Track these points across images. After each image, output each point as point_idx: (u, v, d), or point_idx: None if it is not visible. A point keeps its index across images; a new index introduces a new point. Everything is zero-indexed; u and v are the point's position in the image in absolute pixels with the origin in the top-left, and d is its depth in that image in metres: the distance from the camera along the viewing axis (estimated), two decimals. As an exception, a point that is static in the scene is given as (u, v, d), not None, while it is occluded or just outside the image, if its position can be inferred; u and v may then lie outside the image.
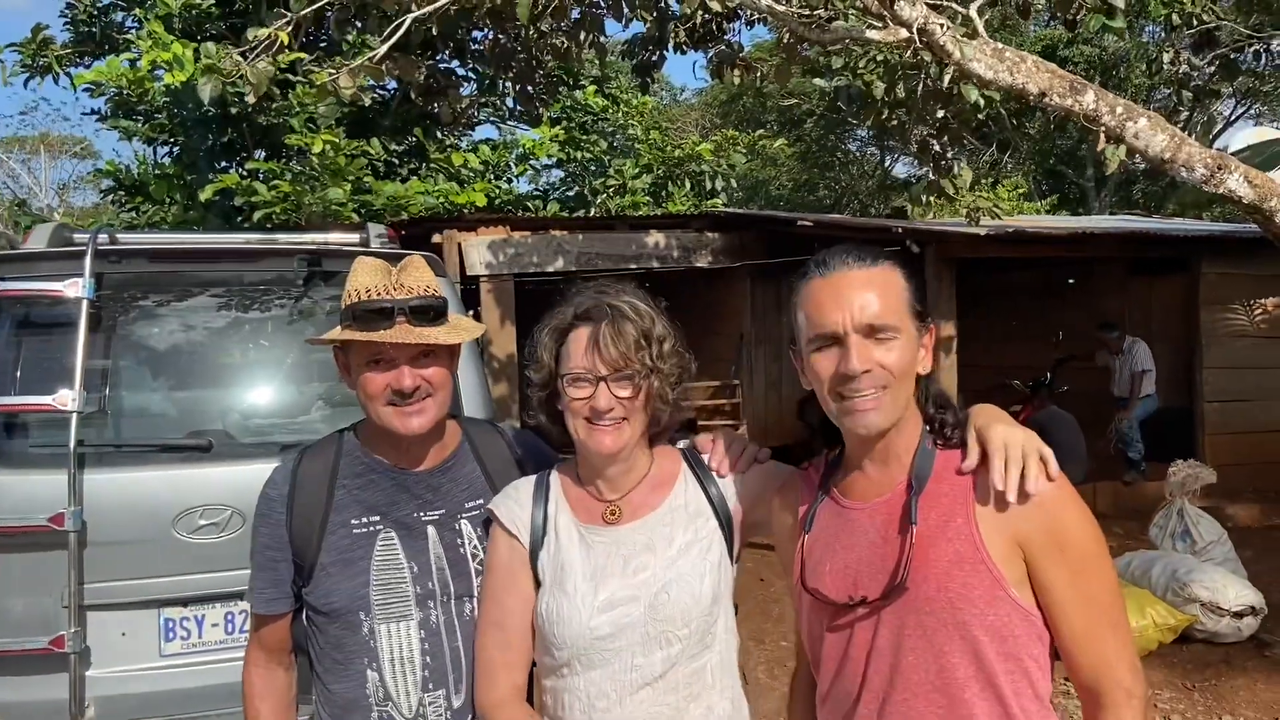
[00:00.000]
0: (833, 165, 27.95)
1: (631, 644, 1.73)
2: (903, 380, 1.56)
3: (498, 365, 9.61)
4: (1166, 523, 6.54)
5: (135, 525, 2.97)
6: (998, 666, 1.50)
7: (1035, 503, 1.50)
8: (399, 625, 1.93)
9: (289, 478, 1.99)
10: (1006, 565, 1.50)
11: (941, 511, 1.54)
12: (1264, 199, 4.32)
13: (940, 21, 4.10)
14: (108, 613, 2.98)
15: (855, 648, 1.59)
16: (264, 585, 1.99)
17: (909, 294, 1.59)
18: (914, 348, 1.58)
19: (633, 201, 12.95)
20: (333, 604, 1.93)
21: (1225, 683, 5.13)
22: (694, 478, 1.87)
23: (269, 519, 1.99)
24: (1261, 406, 9.90)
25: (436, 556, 1.96)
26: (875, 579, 1.56)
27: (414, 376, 1.90)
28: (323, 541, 1.94)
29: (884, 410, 1.55)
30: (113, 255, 3.22)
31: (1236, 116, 24.07)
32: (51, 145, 31.26)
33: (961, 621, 1.50)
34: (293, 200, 9.40)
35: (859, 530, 1.61)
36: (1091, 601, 1.51)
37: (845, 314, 1.54)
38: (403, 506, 1.98)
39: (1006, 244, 9.01)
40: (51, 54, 10.47)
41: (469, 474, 2.05)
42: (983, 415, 1.62)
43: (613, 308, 1.78)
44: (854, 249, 1.61)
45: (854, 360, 1.52)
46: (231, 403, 3.34)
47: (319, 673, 1.99)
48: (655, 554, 1.78)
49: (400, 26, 3.50)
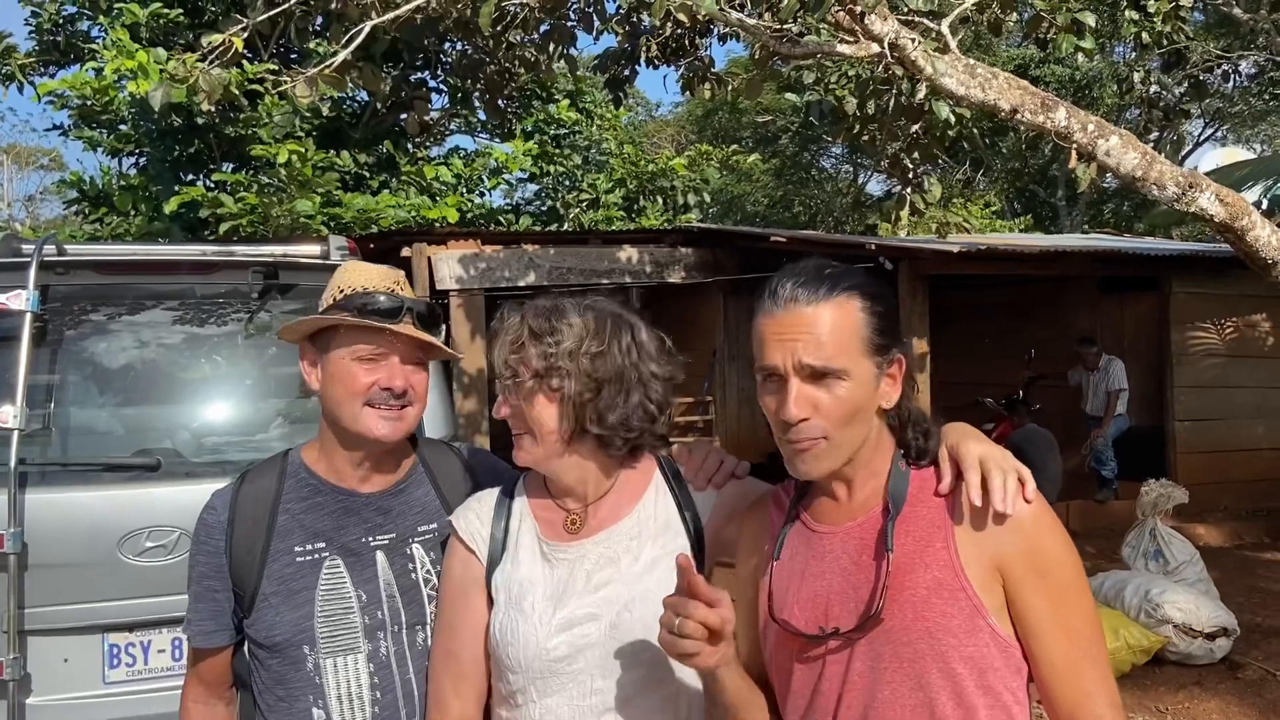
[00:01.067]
0: (807, 181, 28.09)
1: (590, 666, 1.62)
2: (847, 426, 1.46)
3: (467, 380, 9.51)
4: (1139, 542, 6.52)
5: (79, 547, 2.86)
6: (977, 700, 1.42)
7: (1016, 526, 1.43)
8: (346, 659, 1.82)
9: (229, 502, 1.88)
10: (986, 593, 1.42)
11: (918, 536, 1.46)
12: (1235, 217, 4.31)
13: (911, 37, 4.07)
14: (49, 638, 2.86)
15: (826, 681, 1.50)
16: (202, 617, 1.88)
17: (866, 328, 1.47)
18: (867, 387, 1.47)
19: (606, 216, 12.91)
20: (275, 637, 1.82)
21: (1198, 705, 5.09)
22: (666, 488, 1.76)
23: (206, 546, 1.87)
24: (1231, 425, 9.97)
25: (386, 584, 1.85)
26: (848, 609, 1.48)
27: (405, 376, 1.84)
28: (264, 570, 1.83)
29: (821, 458, 1.47)
30: (59, 267, 3.12)
31: (1206, 137, 24.41)
32: (19, 156, 30.94)
33: (940, 653, 1.42)
34: (260, 212, 9.28)
35: (830, 557, 1.53)
36: (1072, 632, 1.44)
37: (786, 356, 1.45)
38: (350, 531, 1.87)
39: (979, 261, 9.02)
40: (15, 63, 10.33)
41: (422, 496, 1.95)
42: (955, 433, 1.54)
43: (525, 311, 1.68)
44: (809, 275, 1.49)
45: (790, 407, 1.44)
46: (182, 420, 3.23)
47: (262, 709, 1.87)
48: (619, 568, 1.67)
49: (359, 34, 3.42)
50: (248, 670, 1.91)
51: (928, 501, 1.49)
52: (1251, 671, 5.47)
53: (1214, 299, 9.94)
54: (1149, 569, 6.26)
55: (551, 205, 13.62)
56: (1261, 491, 9.84)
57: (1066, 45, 4.68)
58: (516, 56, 5.23)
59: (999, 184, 24.11)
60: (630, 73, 6.11)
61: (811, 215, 27.73)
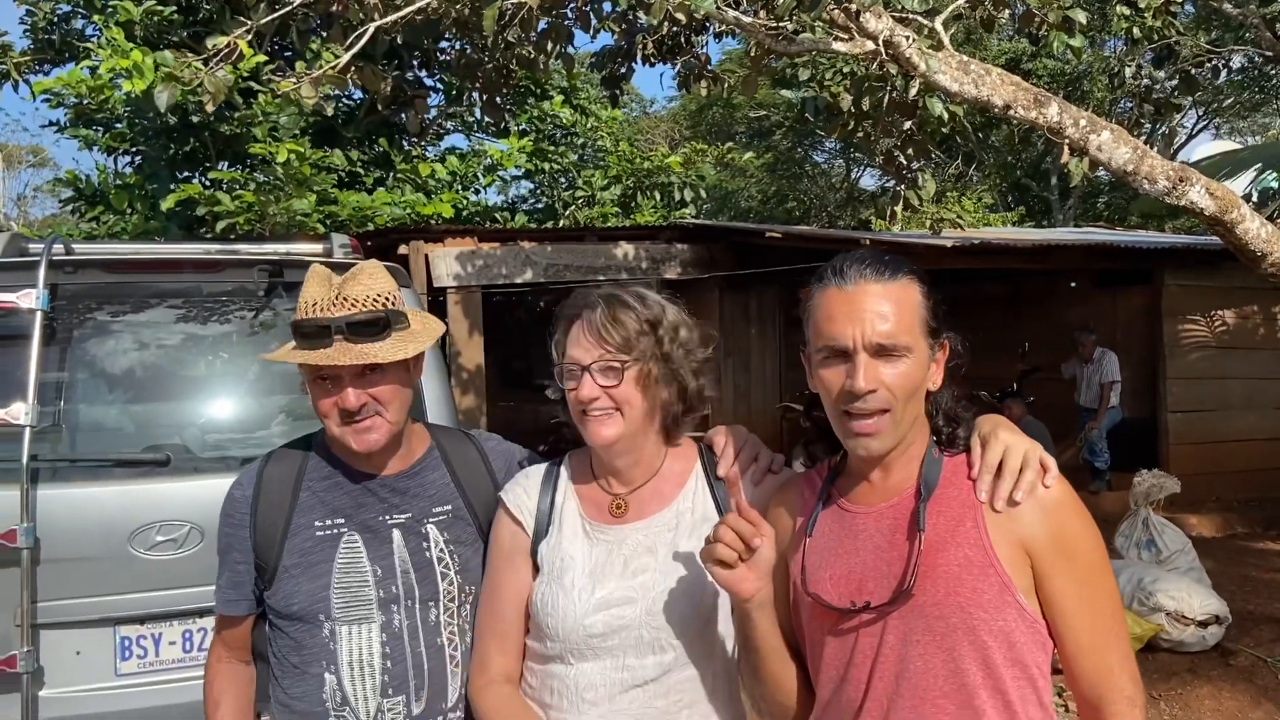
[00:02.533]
0: (801, 177, 28.13)
1: (625, 644, 1.71)
2: (908, 402, 1.54)
3: (466, 376, 9.54)
4: (1132, 532, 6.60)
5: (90, 542, 2.91)
6: (1005, 673, 1.50)
7: (1042, 509, 1.50)
8: (360, 628, 1.90)
9: (255, 479, 1.97)
10: (1015, 572, 1.50)
11: (950, 517, 1.54)
12: (1225, 211, 4.36)
13: (906, 34, 4.12)
14: (62, 631, 2.91)
15: (860, 654, 1.57)
16: (225, 585, 1.99)
17: (925, 310, 1.56)
18: (924, 366, 1.55)
19: (601, 213, 12.93)
20: (292, 606, 1.91)
21: (1191, 691, 5.16)
22: (705, 480, 1.84)
23: (232, 519, 1.97)
24: (1223, 417, 10.05)
25: (401, 560, 1.93)
26: (881, 584, 1.55)
27: (359, 395, 1.86)
28: (285, 543, 1.92)
29: (884, 436, 1.54)
30: (68, 266, 3.16)
31: (1199, 129, 24.48)
32: (9, 155, 30.86)
33: (971, 626, 1.49)
34: (256, 210, 9.29)
35: (864, 536, 1.60)
36: (1097, 611, 1.52)
37: (857, 330, 1.51)
38: (368, 510, 1.95)
39: (972, 256, 9.08)
40: (10, 61, 10.32)
41: (437, 479, 2.03)
42: (988, 423, 1.63)
43: (607, 296, 1.75)
44: (873, 258, 1.57)
45: (860, 379, 1.50)
46: (190, 416, 3.28)
47: (277, 676, 1.96)
48: (656, 557, 1.75)
49: (363, 36, 3.46)
50: (266, 643, 2.00)
51: (959, 484, 1.56)
52: (1243, 658, 5.55)
53: (1206, 291, 10.00)
54: (1142, 558, 6.34)
55: (548, 203, 13.64)
56: (1254, 481, 9.93)
57: (1058, 44, 4.73)
58: (514, 55, 5.26)
59: (992, 178, 24.17)
60: (626, 70, 6.14)
61: (805, 210, 27.78)
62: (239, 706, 2.03)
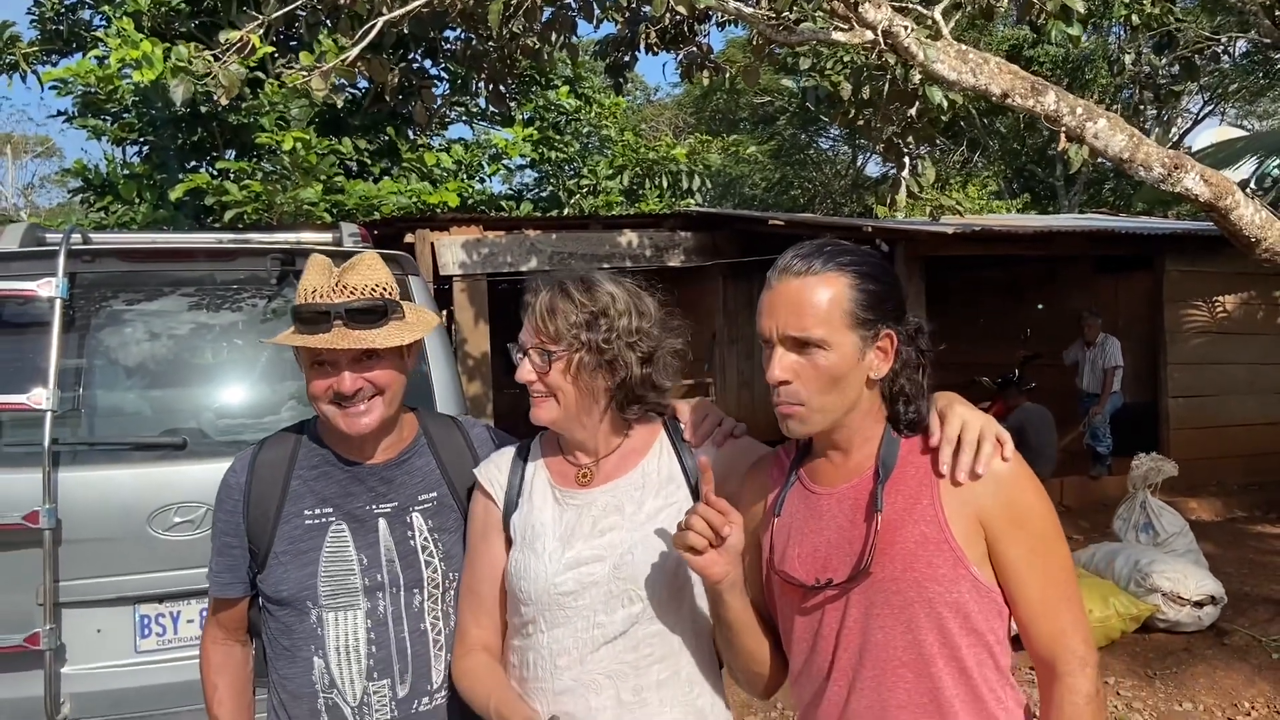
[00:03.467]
0: (806, 163, 28.08)
1: (594, 602, 1.77)
2: (827, 393, 1.59)
3: (472, 363, 9.63)
4: (1129, 515, 6.67)
5: (110, 523, 2.99)
6: (961, 641, 1.57)
7: (994, 482, 1.57)
8: (345, 614, 1.96)
9: (249, 466, 2.03)
10: (968, 544, 1.57)
11: (907, 495, 1.60)
12: (1219, 197, 4.43)
13: (904, 24, 4.18)
14: (83, 610, 2.99)
15: (825, 627, 1.65)
16: (219, 569, 2.04)
17: (852, 302, 1.59)
18: (848, 357, 1.59)
19: (606, 201, 12.99)
20: (282, 592, 1.97)
21: (1186, 670, 5.24)
22: (670, 445, 1.90)
23: (226, 505, 2.03)
24: (1223, 402, 10.09)
25: (387, 549, 1.98)
26: (844, 562, 1.62)
27: (355, 380, 1.91)
28: (276, 530, 1.97)
29: (802, 420, 1.61)
30: (85, 255, 3.23)
31: (1205, 115, 24.40)
32: (15, 146, 30.93)
33: (928, 599, 1.56)
34: (264, 200, 9.38)
35: (827, 515, 1.67)
36: (1048, 575, 1.58)
37: (773, 324, 1.59)
38: (355, 499, 2.00)
39: (974, 242, 9.13)
40: (18, 52, 10.41)
41: (423, 465, 2.07)
42: (944, 399, 1.69)
43: (555, 284, 1.80)
44: (807, 253, 1.62)
45: (774, 370, 1.59)
46: (205, 401, 3.36)
47: (270, 658, 2.03)
48: (624, 515, 1.81)
49: (372, 29, 3.53)
50: (261, 622, 2.07)
51: (916, 463, 1.63)
52: (1238, 638, 5.62)
53: (1207, 276, 10.03)
54: (1139, 541, 6.40)
55: (552, 191, 13.70)
56: (1254, 466, 9.98)
57: (1056, 33, 4.78)
58: (519, 45, 5.32)
59: (996, 165, 24.13)
60: (630, 59, 6.21)
61: (810, 197, 27.74)
62: (237, 688, 2.09)
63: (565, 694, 1.78)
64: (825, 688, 1.66)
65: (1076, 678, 1.57)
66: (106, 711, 2.97)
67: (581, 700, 1.77)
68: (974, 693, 1.59)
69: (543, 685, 1.80)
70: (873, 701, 1.61)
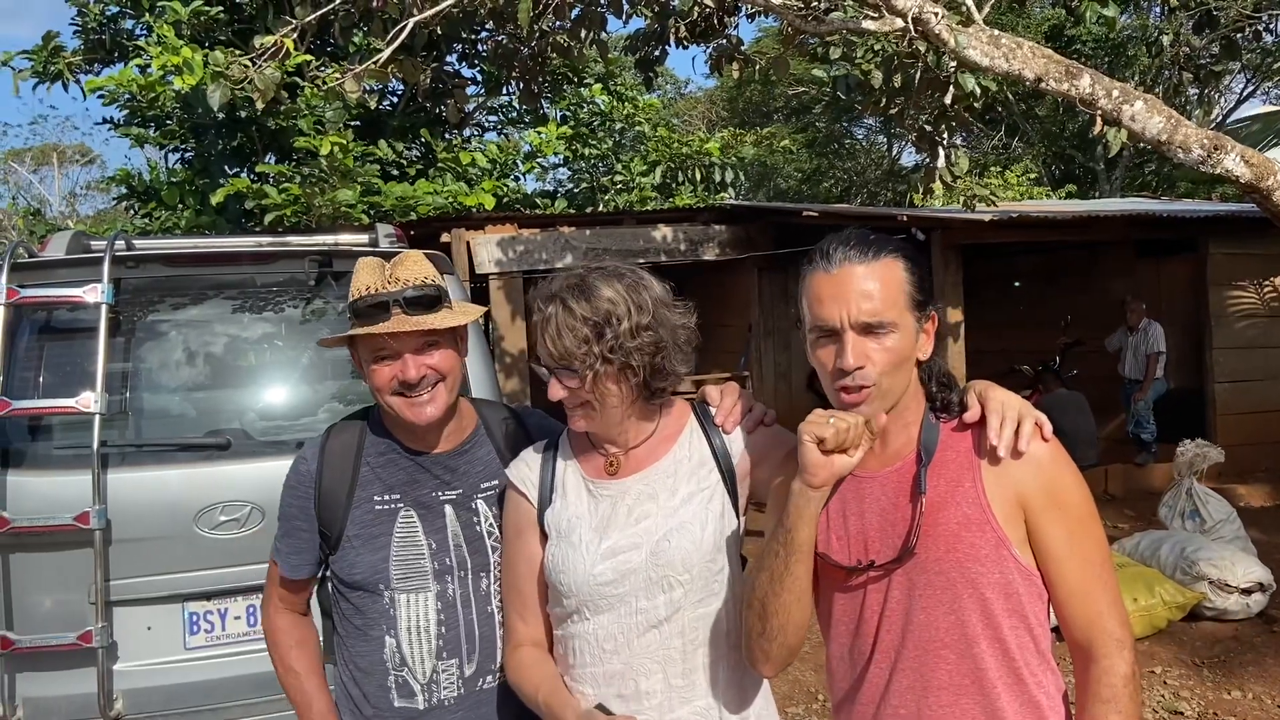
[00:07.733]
0: (841, 153, 27.89)
1: (635, 589, 1.79)
2: (896, 373, 1.63)
3: (509, 360, 9.69)
4: (1175, 502, 6.59)
5: (158, 522, 3.05)
6: (1003, 622, 1.59)
7: (1035, 464, 1.59)
8: (417, 597, 2.02)
9: (319, 452, 2.09)
10: (1010, 526, 1.59)
11: (949, 477, 1.63)
12: (1261, 178, 4.35)
13: (935, 10, 4.15)
14: (133, 608, 3.07)
15: (868, 610, 1.67)
16: (289, 550, 2.11)
17: (909, 285, 1.64)
18: (911, 339, 1.64)
19: (640, 197, 13.01)
20: (355, 575, 2.04)
21: (1234, 659, 5.17)
22: (700, 430, 1.92)
23: (296, 490, 2.09)
24: (1271, 386, 9.89)
25: (454, 534, 2.05)
26: (886, 544, 1.64)
27: (419, 366, 1.97)
28: (349, 515, 2.04)
29: (873, 404, 1.62)
30: (130, 260, 3.30)
31: (1249, 94, 23.90)
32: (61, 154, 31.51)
33: (971, 580, 1.58)
34: (303, 203, 9.50)
35: (869, 499, 1.69)
36: (1086, 558, 1.60)
37: (842, 311, 1.61)
38: (422, 486, 2.07)
39: (1011, 229, 9.03)
40: (62, 61, 10.61)
41: (485, 455, 2.14)
42: (980, 384, 1.72)
43: (557, 302, 1.79)
44: (857, 239, 1.65)
45: (849, 356, 1.60)
46: (248, 402, 3.42)
47: (342, 635, 2.10)
48: (658, 503, 1.84)
49: (403, 31, 3.57)
50: (331, 602, 2.14)
51: (956, 446, 1.66)
52: (1288, 625, 5.54)
53: (1253, 259, 9.83)
54: (1186, 528, 6.32)
55: (586, 188, 13.74)
56: (1304, 451, 9.79)
57: (1090, 13, 4.73)
58: (550, 42, 5.35)
59: (1036, 149, 23.81)
60: (660, 54, 6.21)
61: (845, 188, 27.55)
62: (315, 653, 2.17)
63: (615, 678, 1.82)
64: (867, 669, 1.68)
65: (1114, 659, 1.58)
66: (158, 707, 3.04)
67: (631, 684, 1.80)
68: (1015, 674, 1.60)
69: (591, 670, 1.84)
70: (914, 681, 1.63)
